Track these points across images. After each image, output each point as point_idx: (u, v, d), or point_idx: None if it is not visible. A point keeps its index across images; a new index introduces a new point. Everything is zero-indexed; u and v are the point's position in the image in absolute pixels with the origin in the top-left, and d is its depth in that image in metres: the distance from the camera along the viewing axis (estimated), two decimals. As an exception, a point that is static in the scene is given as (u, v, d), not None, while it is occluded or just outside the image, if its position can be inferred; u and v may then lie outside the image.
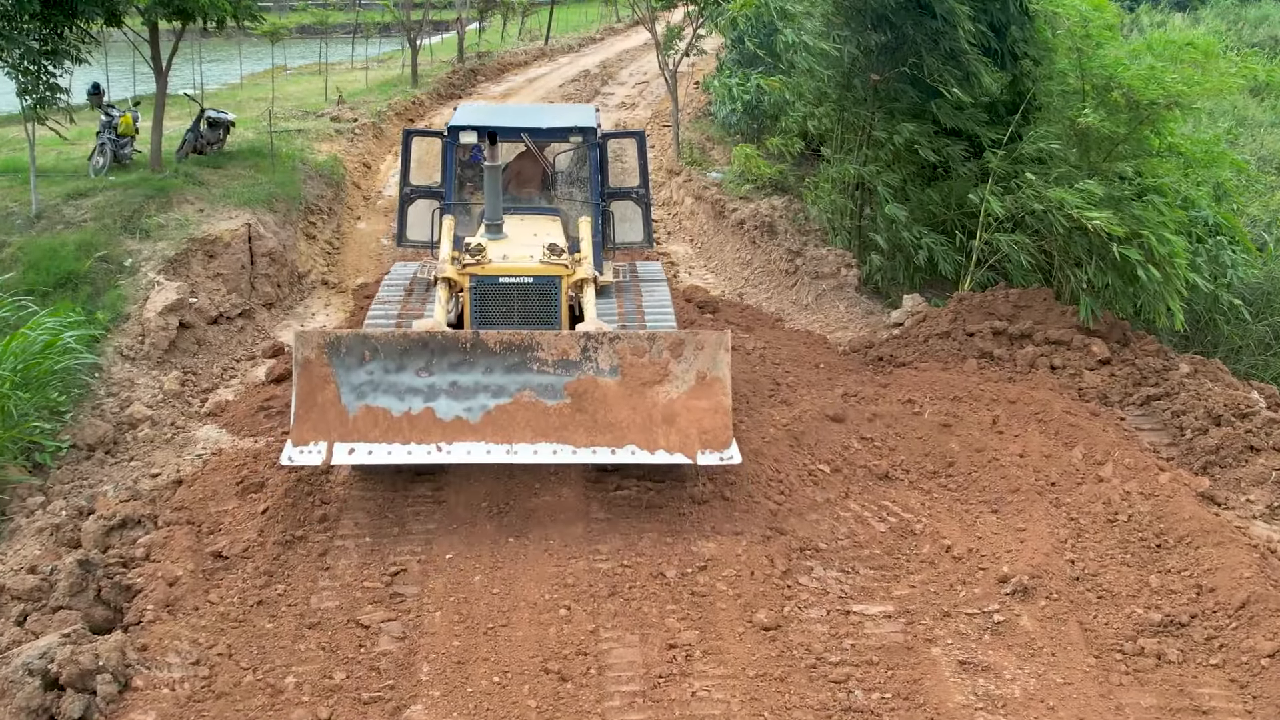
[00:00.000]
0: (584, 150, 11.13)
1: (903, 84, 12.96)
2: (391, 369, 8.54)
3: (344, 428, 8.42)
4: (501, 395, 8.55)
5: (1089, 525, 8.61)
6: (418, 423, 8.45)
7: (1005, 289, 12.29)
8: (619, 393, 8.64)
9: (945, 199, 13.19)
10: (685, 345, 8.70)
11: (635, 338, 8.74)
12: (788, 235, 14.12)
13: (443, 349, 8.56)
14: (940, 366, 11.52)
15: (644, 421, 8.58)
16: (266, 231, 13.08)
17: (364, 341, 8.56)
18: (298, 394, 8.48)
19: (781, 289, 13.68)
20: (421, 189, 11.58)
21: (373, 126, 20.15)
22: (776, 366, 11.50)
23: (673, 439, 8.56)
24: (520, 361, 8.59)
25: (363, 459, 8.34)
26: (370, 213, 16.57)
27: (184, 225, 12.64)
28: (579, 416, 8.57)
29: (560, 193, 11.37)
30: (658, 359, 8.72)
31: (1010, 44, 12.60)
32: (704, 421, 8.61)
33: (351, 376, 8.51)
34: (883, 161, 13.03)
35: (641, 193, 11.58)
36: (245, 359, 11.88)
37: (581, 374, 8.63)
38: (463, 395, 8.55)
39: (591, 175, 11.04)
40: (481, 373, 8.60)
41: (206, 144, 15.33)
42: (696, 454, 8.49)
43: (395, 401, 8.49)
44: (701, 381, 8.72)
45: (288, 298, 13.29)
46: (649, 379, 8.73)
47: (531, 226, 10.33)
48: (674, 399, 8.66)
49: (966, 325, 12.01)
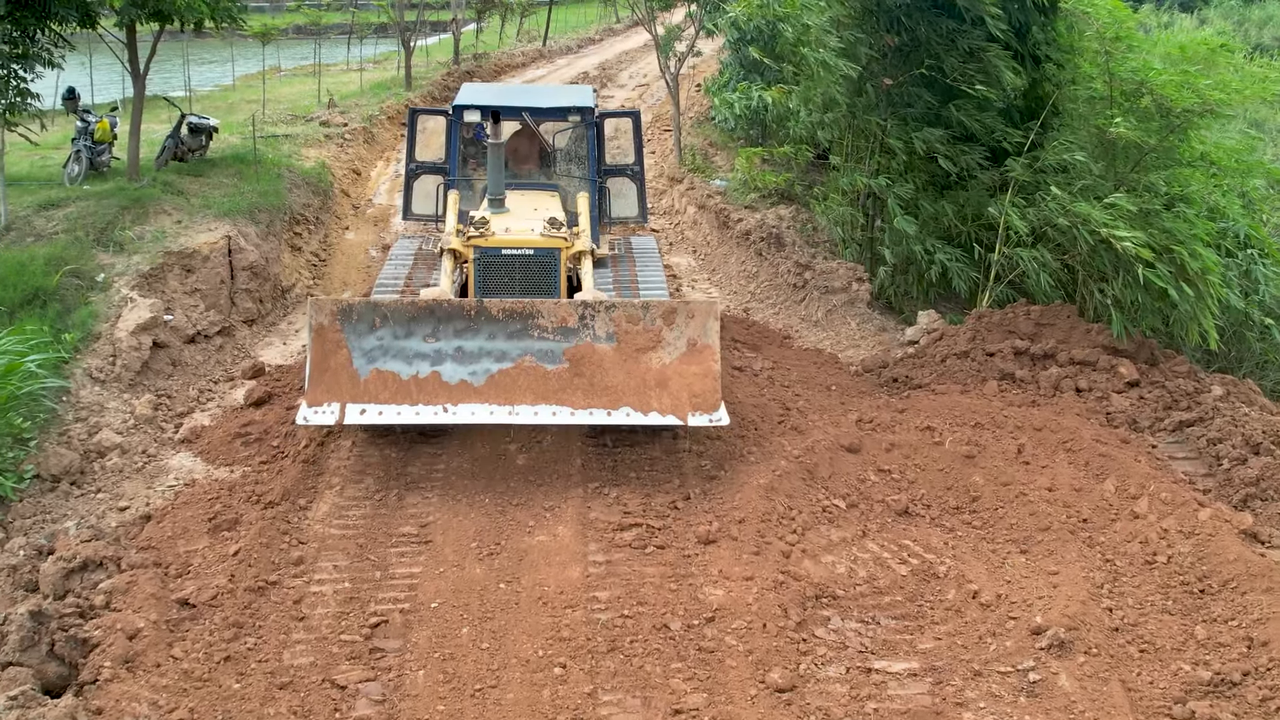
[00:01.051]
0: (582, 129, 11.65)
1: (916, 88, 12.38)
2: (400, 335, 9.11)
3: (355, 390, 9.00)
4: (504, 360, 9.13)
5: (1126, 568, 8.04)
6: (425, 385, 9.04)
7: (1026, 306, 11.71)
8: (615, 358, 9.21)
9: (960, 210, 12.61)
10: (677, 314, 9.28)
11: (630, 306, 9.30)
12: (796, 247, 13.54)
13: (449, 316, 9.13)
14: (959, 389, 10.95)
15: (638, 385, 9.17)
16: (248, 244, 12.49)
17: (374, 309, 9.12)
18: (312, 358, 9.01)
19: (789, 303, 13.09)
20: (426, 165, 12.11)
21: (363, 131, 19.56)
22: (786, 389, 10.92)
23: (665, 402, 9.13)
24: (522, 328, 9.17)
25: (374, 419, 8.89)
26: (359, 222, 15.98)
27: (160, 237, 12.05)
28: (577, 380, 9.14)
29: (559, 169, 11.92)
30: (651, 326, 9.30)
31: (1031, 46, 12.02)
32: (695, 385, 9.20)
33: (362, 342, 9.08)
34: (895, 171, 12.43)
35: (636, 169, 12.16)
36: (223, 380, 11.29)
37: (580, 340, 9.21)
38: (467, 360, 9.13)
39: (589, 152, 11.64)
40: (485, 339, 9.17)
41: (188, 151, 14.73)
42: (688, 416, 9.09)
43: (404, 365, 9.07)
44: (692, 348, 9.29)
45: (270, 313, 12.70)
46: (643, 345, 9.31)
47: (532, 201, 10.94)
48: (667, 364, 9.25)
49: (986, 345, 11.43)
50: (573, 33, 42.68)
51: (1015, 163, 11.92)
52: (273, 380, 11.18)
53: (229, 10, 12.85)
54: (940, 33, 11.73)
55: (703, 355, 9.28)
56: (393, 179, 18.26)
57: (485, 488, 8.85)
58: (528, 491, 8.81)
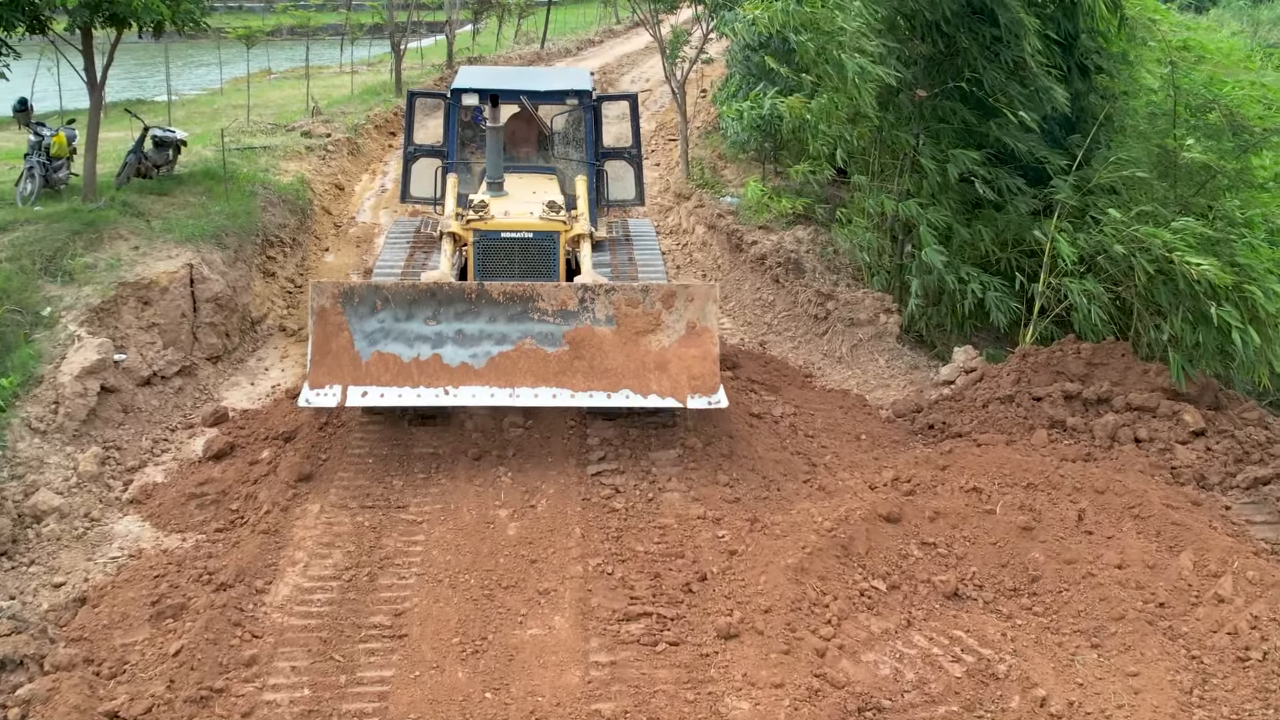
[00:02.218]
0: (579, 112, 11.74)
1: (952, 101, 11.32)
2: (401, 317, 9.26)
3: (357, 372, 9.13)
4: (504, 343, 9.31)
5: (1216, 666, 6.97)
6: (426, 368, 9.20)
7: (1075, 343, 10.65)
8: (614, 341, 9.38)
9: (999, 234, 11.54)
10: (676, 297, 9.46)
11: (630, 289, 9.48)
12: (816, 274, 12.47)
13: (449, 299, 9.30)
14: (1004, 439, 9.89)
15: (638, 368, 9.32)
16: (213, 272, 11.40)
17: (375, 291, 9.27)
18: (314, 341, 9.13)
19: (810, 337, 12.02)
20: (425, 148, 12.15)
21: (348, 142, 18.48)
22: (810, 440, 9.85)
23: (664, 384, 9.29)
24: (522, 311, 9.34)
25: (375, 401, 9.05)
26: (340, 243, 14.89)
27: (115, 266, 10.98)
28: (577, 363, 9.32)
29: (556, 152, 12.04)
30: (651, 310, 9.48)
31: (1080, 56, 10.95)
32: (694, 368, 9.35)
33: (364, 324, 9.22)
34: (926, 193, 11.36)
35: (634, 153, 12.29)
36: (182, 428, 10.22)
37: (579, 323, 9.38)
38: (468, 343, 9.30)
39: (587, 136, 11.74)
40: (486, 321, 9.34)
41: (153, 166, 13.65)
42: (687, 398, 9.25)
43: (405, 348, 9.23)
44: (691, 331, 9.45)
45: (238, 349, 11.62)
46: (642, 328, 9.46)
47: (530, 184, 11.08)
48: (666, 347, 9.42)
49: (1032, 388, 10.37)
50: (571, 34, 41.62)
51: (1061, 183, 10.85)
52: (236, 428, 10.12)
53: (190, 13, 11.76)
54: (981, 41, 10.66)
55: (701, 338, 9.44)
56: (378, 194, 17.19)
57: (470, 565, 7.78)
58: (519, 570, 7.75)
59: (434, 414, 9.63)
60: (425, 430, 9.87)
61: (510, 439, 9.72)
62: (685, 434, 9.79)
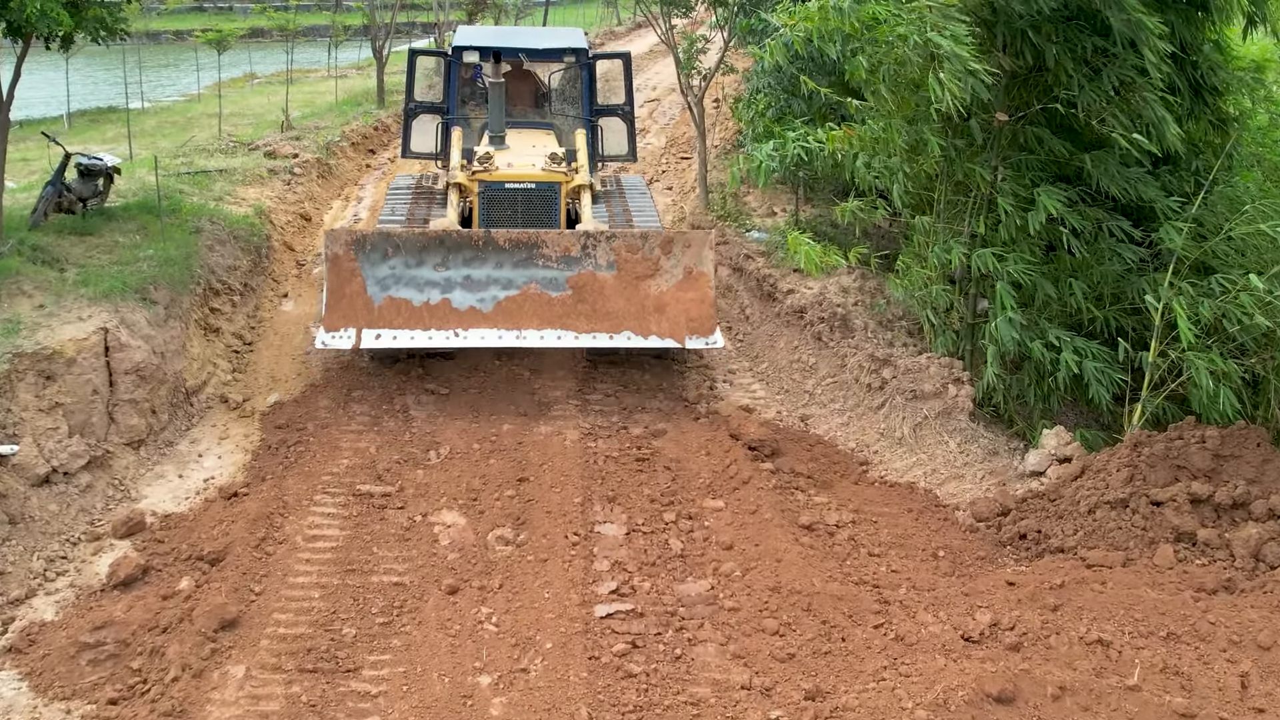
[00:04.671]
0: (574, 69, 12.64)
1: (1038, 127, 9.40)
2: (412, 264, 9.90)
3: (370, 315, 9.80)
4: (510, 288, 9.96)
5: None
6: (436, 311, 9.86)
7: (1199, 429, 8.73)
8: (615, 285, 10.03)
9: (1094, 287, 9.62)
10: (674, 243, 10.16)
11: (629, 236, 10.17)
12: (868, 332, 10.55)
13: (457, 246, 9.94)
14: (1120, 556, 8.05)
15: (638, 311, 10.01)
16: (134, 337, 9.49)
17: (386, 239, 9.94)
18: (328, 286, 9.82)
19: (863, 411, 10.11)
20: (424, 105, 12.97)
21: (318, 163, 16.56)
22: (877, 560, 7.94)
23: (663, 326, 10.02)
24: (527, 257, 9.99)
25: (388, 344, 9.79)
26: (302, 286, 12.96)
27: (12, 331, 9.08)
28: (580, 306, 9.97)
29: (554, 109, 13.01)
30: (650, 255, 10.12)
31: (1200, 73, 9.04)
32: (691, 310, 10.07)
33: (376, 270, 9.85)
34: (1003, 238, 9.44)
35: (626, 110, 13.14)
36: (86, 540, 8.32)
37: (582, 269, 10.03)
38: (476, 288, 9.93)
39: (583, 92, 12.57)
40: (493, 267, 9.96)
41: (77, 200, 11.73)
42: (685, 339, 10.03)
43: (415, 293, 9.86)
44: (688, 275, 10.13)
45: (166, 428, 9.71)
46: (642, 273, 10.11)
47: (530, 139, 11.83)
48: (664, 291, 10.11)
49: (1150, 488, 8.47)
50: (572, 35, 39.70)
51: (1171, 231, 8.93)
52: (153, 542, 8.23)
53: (102, 21, 9.84)
54: (1077, 55, 8.74)
55: (698, 282, 10.12)
56: (350, 224, 15.24)
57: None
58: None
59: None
60: (389, 549, 7.97)
61: (496, 560, 7.85)
62: (719, 554, 7.87)
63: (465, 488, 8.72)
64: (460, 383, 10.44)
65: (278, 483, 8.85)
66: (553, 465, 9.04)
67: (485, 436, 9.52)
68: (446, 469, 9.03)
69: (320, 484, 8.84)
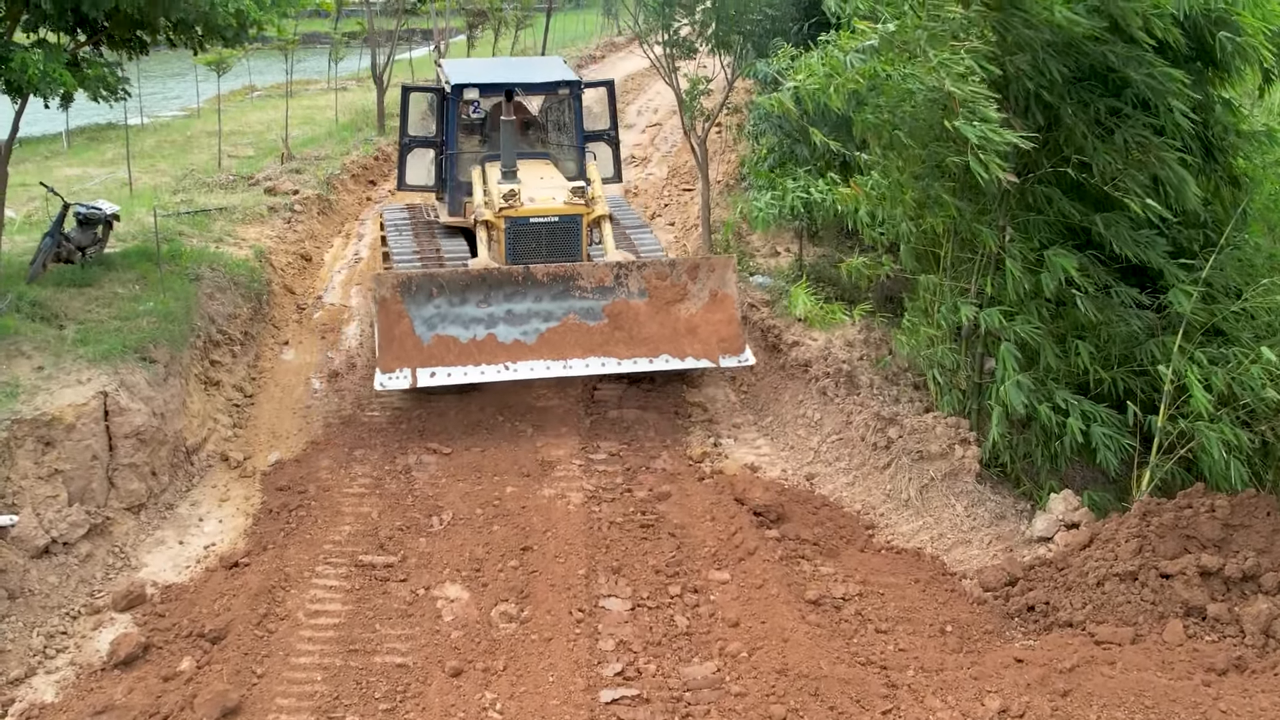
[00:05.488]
0: (566, 99, 13.14)
1: (1047, 187, 9.37)
2: (455, 302, 10.44)
3: (422, 355, 10.27)
4: (551, 319, 10.59)
5: None
6: (484, 347, 10.41)
7: (1208, 497, 8.71)
8: (648, 311, 10.74)
9: (1101, 348, 9.58)
10: (700, 268, 10.93)
11: (659, 264, 10.97)
12: (874, 389, 10.51)
13: (498, 283, 10.54)
14: (1130, 632, 8.08)
15: (671, 334, 10.72)
16: (134, 399, 9.46)
17: (431, 280, 10.46)
18: (379, 329, 10.33)
19: (869, 470, 10.07)
20: (419, 139, 13.40)
21: (318, 199, 16.53)
22: (884, 637, 7.92)
23: (697, 347, 10.74)
24: (565, 290, 10.64)
25: (443, 380, 10.28)
26: (303, 333, 12.92)
27: (11, 396, 9.05)
28: (618, 333, 10.64)
29: (550, 138, 13.54)
30: (678, 281, 10.86)
31: (1211, 131, 9.01)
32: (721, 331, 10.82)
33: (422, 311, 10.36)
34: (1011, 298, 9.40)
35: (612, 135, 13.66)
36: (86, 613, 8.29)
37: (616, 297, 10.73)
38: (518, 321, 10.53)
39: (575, 121, 13.08)
40: (533, 301, 10.57)
41: (77, 250, 11.70)
42: (719, 358, 10.76)
43: (461, 330, 10.43)
44: (714, 298, 10.86)
45: (166, 490, 9.68)
46: (672, 298, 10.82)
47: (535, 170, 12.27)
48: (694, 314, 10.83)
49: (1159, 560, 8.44)
50: (572, 46, 39.75)
51: (1180, 296, 8.89)
52: (154, 616, 8.20)
53: (103, 79, 9.81)
54: (1093, 115, 8.72)
55: (724, 303, 10.87)
56: (351, 263, 15.24)
57: None
58: None
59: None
60: (392, 627, 7.93)
61: (500, 638, 7.82)
62: (724, 631, 7.83)
63: (468, 557, 8.69)
64: (462, 441, 10.41)
65: (279, 552, 8.82)
66: (556, 532, 9.00)
67: (488, 500, 9.49)
68: (449, 536, 9.00)
69: (322, 553, 8.82)
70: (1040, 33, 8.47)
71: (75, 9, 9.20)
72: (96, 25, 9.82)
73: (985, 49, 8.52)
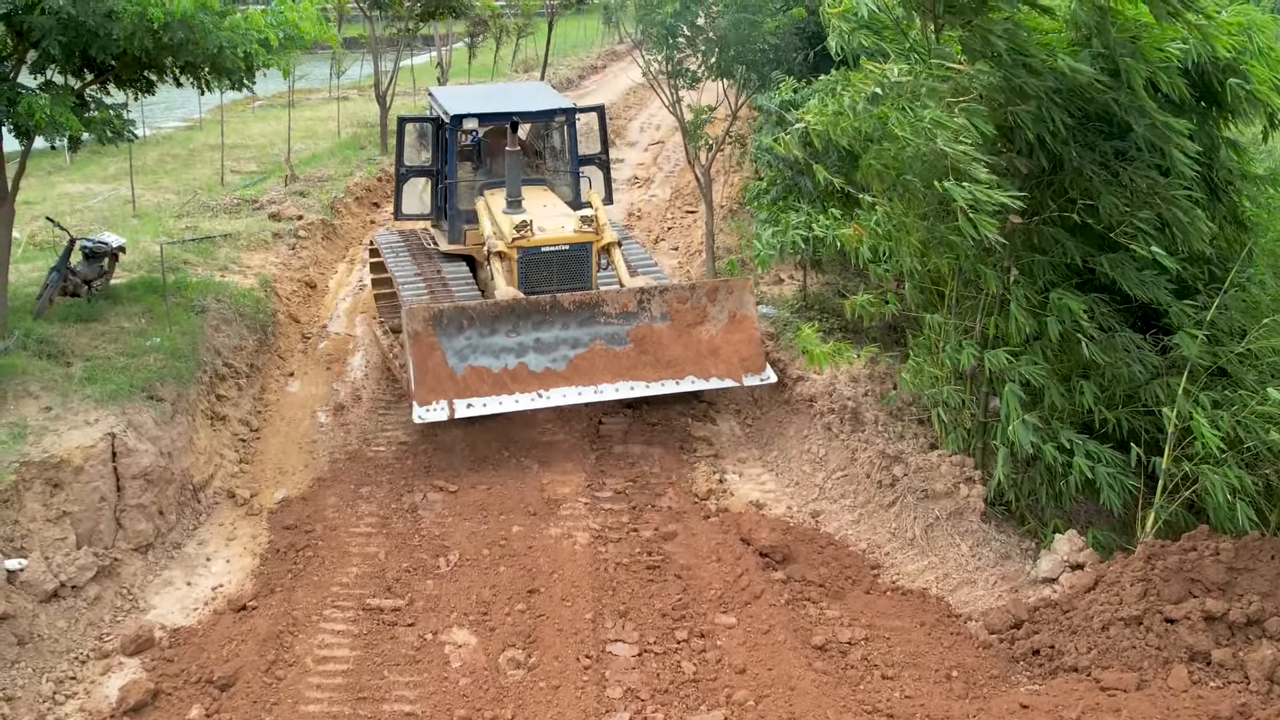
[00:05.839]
0: (561, 126, 13.50)
1: (1052, 227, 9.41)
2: (485, 333, 10.67)
3: (456, 386, 10.50)
4: (578, 346, 10.89)
5: None
6: (516, 376, 10.69)
7: (1213, 540, 8.74)
8: (671, 335, 11.11)
9: (1105, 389, 9.61)
10: (719, 291, 11.31)
11: (679, 288, 11.38)
12: (879, 426, 10.54)
13: (526, 312, 10.81)
14: (1135, 677, 8.11)
15: (695, 356, 11.09)
16: (141, 440, 9.52)
17: (461, 312, 10.71)
18: (413, 362, 10.49)
19: (874, 508, 10.13)
20: (415, 168, 13.61)
21: (322, 224, 16.57)
22: (890, 683, 7.98)
23: (720, 368, 11.12)
24: (590, 316, 10.97)
25: (479, 410, 10.51)
26: (309, 364, 12.98)
27: (18, 438, 9.10)
28: (644, 357, 11.00)
29: (547, 164, 13.94)
30: (698, 304, 11.21)
31: (1223, 175, 9.07)
32: (742, 350, 11.17)
33: (454, 343, 10.59)
34: (1016, 340, 9.44)
35: (603, 158, 14.02)
36: (95, 657, 8.36)
37: (640, 322, 11.08)
38: (547, 349, 10.80)
39: (570, 146, 13.50)
40: (560, 329, 10.86)
41: (83, 283, 11.75)
42: (742, 377, 11.13)
43: (493, 360, 10.67)
44: (733, 319, 11.24)
45: (173, 530, 9.74)
46: (693, 321, 11.18)
47: (538, 198, 12.62)
48: (715, 335, 11.19)
49: (1163, 603, 8.49)
50: (573, 55, 39.83)
51: (1186, 338, 8.93)
52: (163, 661, 8.25)
53: (110, 122, 9.86)
54: (1098, 158, 8.78)
55: (743, 324, 11.24)
56: (355, 290, 15.29)
57: None
58: None
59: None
60: (400, 674, 7.98)
61: (508, 685, 7.88)
62: (731, 678, 7.88)
63: (475, 600, 8.73)
64: (468, 478, 10.46)
65: (287, 595, 8.86)
66: (563, 574, 9.05)
67: (495, 540, 9.54)
68: (456, 578, 9.05)
69: (330, 595, 8.86)
70: (1044, 80, 8.52)
71: (83, 51, 9.25)
72: (104, 67, 9.86)
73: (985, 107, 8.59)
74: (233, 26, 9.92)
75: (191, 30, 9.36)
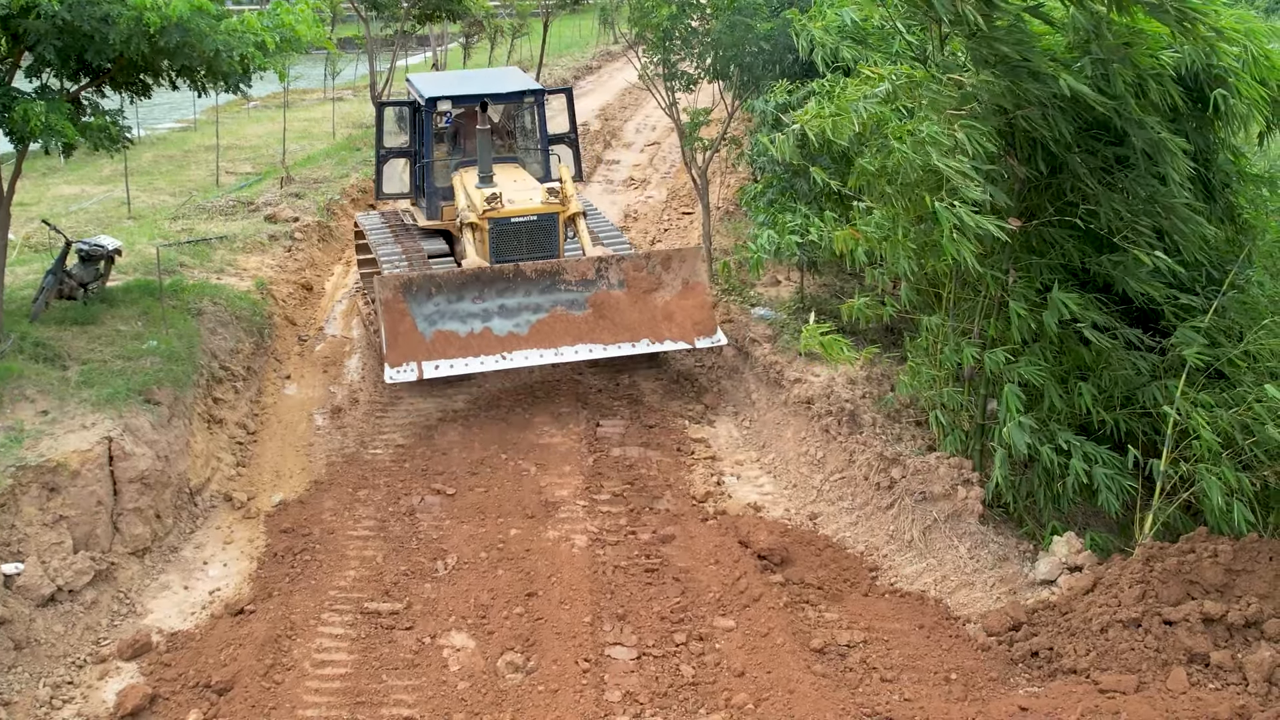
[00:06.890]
0: (531, 107, 14.19)
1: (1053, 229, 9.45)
2: (453, 299, 11.36)
3: (425, 349, 11.17)
4: (540, 311, 11.54)
5: None
6: (481, 340, 11.33)
7: (1211, 541, 8.78)
8: (627, 301, 11.76)
9: (1104, 390, 9.65)
10: (672, 260, 12.07)
11: (636, 257, 12.11)
12: (877, 428, 10.58)
13: (491, 280, 11.51)
14: (1134, 679, 8.13)
15: (650, 320, 11.75)
16: (138, 444, 9.52)
17: (430, 280, 11.39)
18: (385, 327, 11.16)
19: (871, 510, 10.15)
20: (394, 150, 14.26)
21: (318, 227, 16.57)
22: (889, 686, 8.00)
23: (674, 331, 11.79)
24: (551, 284, 11.62)
25: (446, 372, 11.21)
26: (305, 366, 12.99)
27: (15, 442, 9.11)
28: (601, 322, 11.63)
29: (512, 143, 14.55)
30: (653, 272, 11.94)
31: (1217, 178, 9.11)
32: (694, 315, 11.88)
33: (423, 309, 11.25)
34: (1015, 341, 9.47)
35: (572, 137, 14.76)
36: (92, 662, 8.36)
37: (598, 289, 11.75)
38: (511, 315, 11.47)
39: (540, 126, 14.22)
40: (523, 295, 11.53)
41: (79, 286, 11.75)
42: (694, 340, 11.83)
43: (459, 325, 11.33)
44: (686, 286, 11.99)
45: (170, 533, 9.74)
46: (648, 288, 11.86)
47: (509, 174, 13.33)
48: (669, 301, 11.87)
49: (1162, 605, 8.52)
50: (568, 55, 39.87)
51: (1188, 337, 8.97)
52: (161, 665, 8.25)
53: (106, 129, 9.86)
54: (1099, 163, 8.81)
55: (696, 290, 11.99)
56: (352, 292, 15.29)
57: None
58: None
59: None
60: (398, 677, 7.98)
61: (506, 689, 7.90)
62: (730, 681, 7.89)
63: (474, 604, 8.75)
64: (466, 480, 10.47)
65: (284, 599, 8.87)
66: (561, 577, 9.06)
67: (493, 543, 9.55)
68: (454, 581, 9.06)
69: (328, 599, 8.87)
70: (1049, 86, 8.54)
71: (79, 55, 9.25)
72: (99, 70, 9.86)
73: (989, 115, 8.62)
74: (229, 30, 9.94)
75: (187, 34, 9.37)
